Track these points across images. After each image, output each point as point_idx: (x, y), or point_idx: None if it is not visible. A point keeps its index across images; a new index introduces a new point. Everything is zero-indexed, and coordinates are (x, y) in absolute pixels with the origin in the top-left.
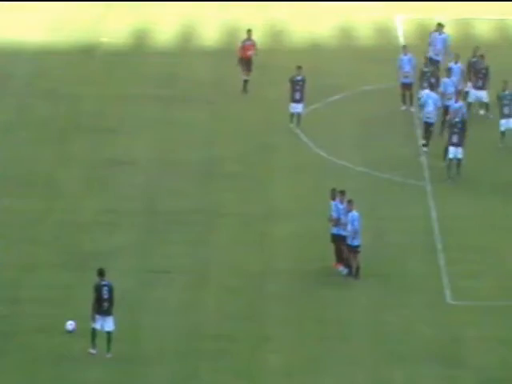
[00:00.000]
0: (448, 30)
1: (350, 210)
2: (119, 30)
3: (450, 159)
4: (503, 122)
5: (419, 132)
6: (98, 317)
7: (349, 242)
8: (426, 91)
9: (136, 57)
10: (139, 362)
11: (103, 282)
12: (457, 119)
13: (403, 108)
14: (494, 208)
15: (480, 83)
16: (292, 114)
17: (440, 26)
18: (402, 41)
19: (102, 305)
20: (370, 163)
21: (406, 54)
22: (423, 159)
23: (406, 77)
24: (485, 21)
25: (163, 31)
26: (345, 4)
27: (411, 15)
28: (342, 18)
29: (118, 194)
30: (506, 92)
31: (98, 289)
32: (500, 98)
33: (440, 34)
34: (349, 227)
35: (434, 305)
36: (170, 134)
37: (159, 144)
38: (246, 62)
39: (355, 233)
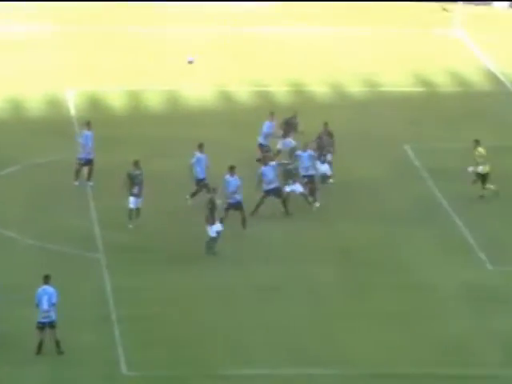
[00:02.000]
0: (120, 101)
1: None
2: None
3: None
4: None
5: (92, 204)
6: None
7: None
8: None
9: None
10: None
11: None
12: None
13: (76, 183)
14: (170, 279)
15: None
16: None
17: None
18: (73, 113)
19: None
20: (41, 235)
21: (89, 130)
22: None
23: (89, 153)
24: (156, 92)
25: None
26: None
27: (82, 87)
28: (13, 89)
29: None
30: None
31: None
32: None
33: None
34: None
35: (110, 377)
36: None
37: None
38: None
39: None
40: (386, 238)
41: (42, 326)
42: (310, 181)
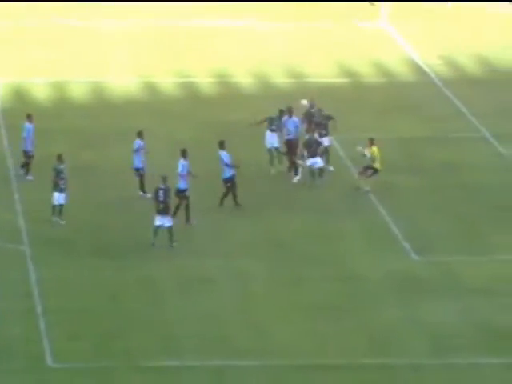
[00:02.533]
0: (45, 93)
1: None
2: None
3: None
4: None
5: (17, 196)
6: None
7: None
8: None
9: None
10: None
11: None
12: None
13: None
14: (98, 271)
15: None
16: None
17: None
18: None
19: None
20: None
21: (30, 123)
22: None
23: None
24: (81, 83)
25: None
26: None
27: (7, 79)
28: None
29: None
30: None
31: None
32: None
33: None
34: None
35: (35, 369)
36: None
37: None
38: None
39: None
40: (315, 230)
41: None
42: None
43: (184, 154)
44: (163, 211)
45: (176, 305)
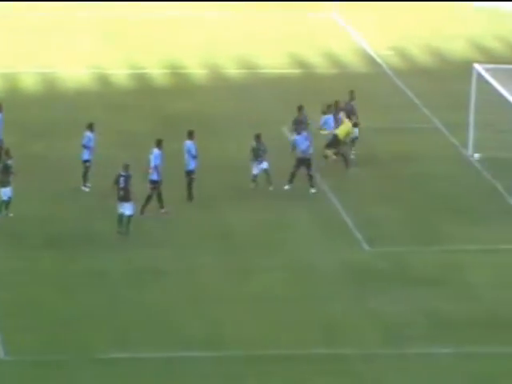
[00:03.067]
0: None
1: None
2: None
3: None
4: None
5: None
6: None
7: None
8: None
9: None
10: None
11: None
12: None
13: None
14: (48, 263)
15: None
16: None
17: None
18: None
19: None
20: None
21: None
22: None
23: None
24: (32, 74)
25: None
26: None
27: None
28: None
29: None
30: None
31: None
32: None
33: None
34: None
35: None
36: None
37: None
38: None
39: None
40: (266, 220)
41: None
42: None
43: (159, 144)
44: (123, 198)
45: (127, 296)
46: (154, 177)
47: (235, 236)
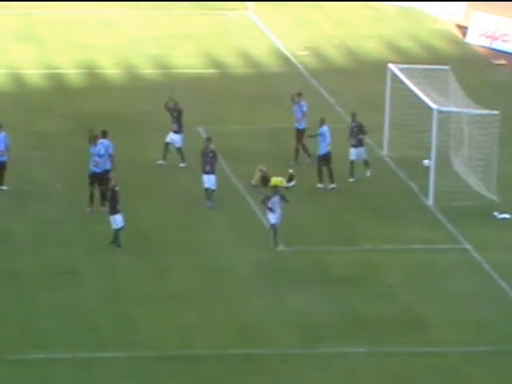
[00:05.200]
0: None
1: None
2: None
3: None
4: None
5: None
6: None
7: None
8: None
9: None
10: None
11: None
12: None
13: None
14: None
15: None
16: None
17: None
18: None
19: None
20: None
21: None
22: None
23: None
24: None
25: None
26: None
27: None
28: None
29: None
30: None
31: None
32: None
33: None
34: None
35: None
36: None
37: None
38: None
39: None
40: (181, 220)
41: None
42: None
43: (105, 134)
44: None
45: (42, 297)
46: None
47: (149, 236)
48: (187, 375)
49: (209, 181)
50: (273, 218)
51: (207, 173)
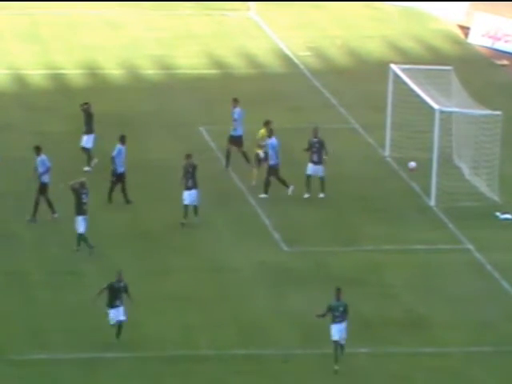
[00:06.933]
0: None
1: None
2: None
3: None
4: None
5: None
6: None
7: None
8: None
9: None
10: None
11: None
12: None
13: None
14: None
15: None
16: None
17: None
18: None
19: None
20: None
21: None
22: None
23: None
24: None
25: None
26: None
27: None
28: None
29: None
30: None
31: None
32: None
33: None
34: None
35: None
36: None
37: None
38: None
39: None
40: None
41: None
42: None
43: (122, 139)
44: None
45: (45, 298)
46: (121, 169)
47: (152, 236)
48: (189, 375)
49: (189, 196)
50: None
51: (188, 188)
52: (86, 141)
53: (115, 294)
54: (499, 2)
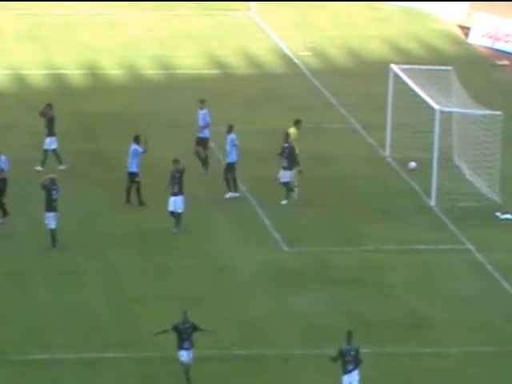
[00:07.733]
0: None
1: None
2: None
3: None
4: None
5: None
6: None
7: None
8: None
9: None
10: None
11: None
12: None
13: None
14: None
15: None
16: None
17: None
18: None
19: None
20: None
21: None
22: None
23: None
24: None
25: None
26: None
27: None
28: None
29: None
30: None
31: None
32: None
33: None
34: None
35: None
36: None
37: None
38: None
39: None
40: (185, 221)
41: None
42: None
43: (137, 139)
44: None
45: (45, 298)
46: (134, 169)
47: (153, 236)
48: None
49: (174, 203)
50: None
51: (175, 194)
52: (49, 143)
53: (181, 336)
54: (499, 1)
